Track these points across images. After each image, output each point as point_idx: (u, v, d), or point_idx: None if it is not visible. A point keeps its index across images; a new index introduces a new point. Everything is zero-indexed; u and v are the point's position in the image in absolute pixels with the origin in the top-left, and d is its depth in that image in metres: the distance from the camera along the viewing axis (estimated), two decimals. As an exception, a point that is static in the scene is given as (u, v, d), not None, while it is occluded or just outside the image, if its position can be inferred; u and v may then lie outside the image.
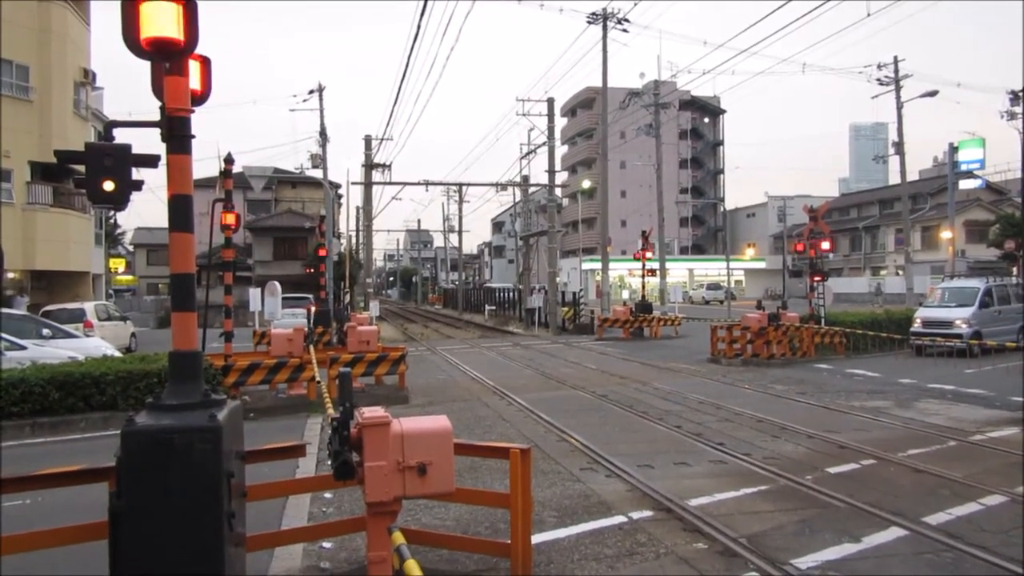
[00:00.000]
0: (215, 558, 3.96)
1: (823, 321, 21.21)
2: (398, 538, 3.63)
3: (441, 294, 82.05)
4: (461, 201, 61.94)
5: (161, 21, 4.15)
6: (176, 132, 4.30)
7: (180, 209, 4.33)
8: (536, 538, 5.76)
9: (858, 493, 7.25)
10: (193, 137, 4.36)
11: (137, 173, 4.85)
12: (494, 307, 48.56)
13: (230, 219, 13.77)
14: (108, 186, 4.57)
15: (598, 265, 37.27)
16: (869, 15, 24.01)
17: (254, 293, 25.15)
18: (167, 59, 4.28)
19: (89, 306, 23.09)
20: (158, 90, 4.44)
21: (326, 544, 6.12)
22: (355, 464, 4.48)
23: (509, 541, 5.27)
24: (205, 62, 4.97)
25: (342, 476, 4.49)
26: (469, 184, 50.92)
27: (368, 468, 4.42)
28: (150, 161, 4.78)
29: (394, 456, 4.46)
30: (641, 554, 5.85)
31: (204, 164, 31.56)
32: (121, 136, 4.97)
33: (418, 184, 39.71)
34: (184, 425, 3.96)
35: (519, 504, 5.13)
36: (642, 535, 6.26)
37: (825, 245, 22.35)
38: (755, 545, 5.91)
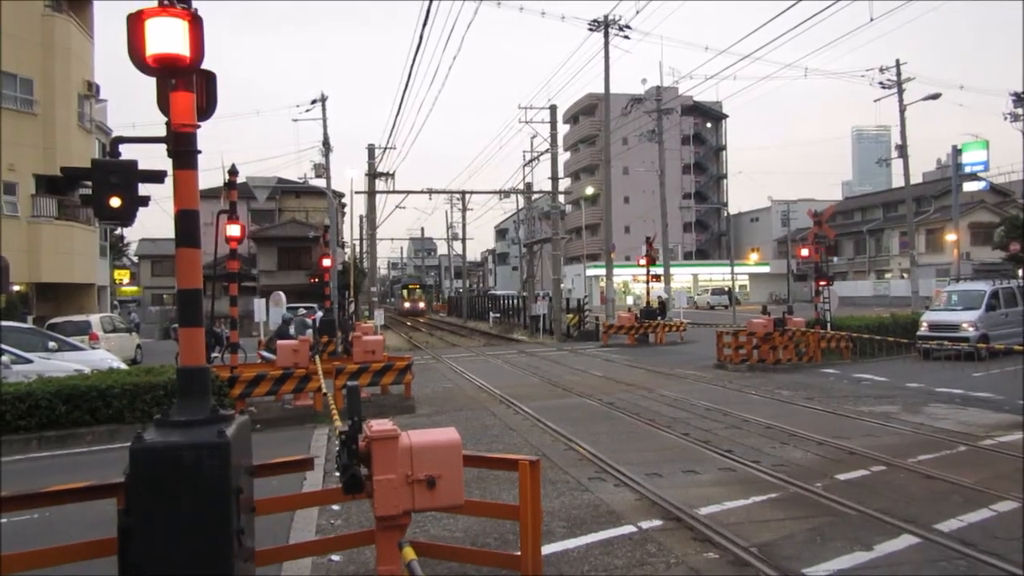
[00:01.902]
0: (224, 574, 3.94)
1: (829, 326, 21.15)
2: (409, 554, 3.60)
3: (446, 302, 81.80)
4: (464, 209, 62.00)
5: (167, 38, 4.14)
6: (182, 148, 4.30)
7: (187, 225, 4.33)
8: (545, 549, 5.71)
9: (869, 500, 7.21)
10: (199, 152, 4.36)
11: (143, 188, 4.86)
12: (498, 314, 48.50)
13: (235, 230, 13.80)
14: (115, 203, 4.57)
15: (602, 271, 37.28)
16: (872, 20, 24.02)
17: (259, 303, 25.21)
18: (173, 76, 4.28)
19: (95, 318, 23.17)
20: (164, 106, 4.44)
21: (335, 557, 6.10)
22: (364, 478, 4.47)
23: (519, 553, 5.24)
24: (210, 77, 4.96)
25: (351, 490, 4.48)
26: (472, 192, 51.44)
27: (377, 482, 4.40)
28: (156, 177, 4.78)
29: (403, 469, 4.44)
30: (652, 564, 5.81)
31: (208, 175, 31.70)
32: (126, 150, 4.99)
33: (421, 192, 40.12)
34: (193, 442, 3.94)
35: (529, 516, 5.09)
36: (652, 545, 6.22)
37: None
38: (766, 554, 5.87)
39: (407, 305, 70.36)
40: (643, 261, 31.04)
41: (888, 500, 7.26)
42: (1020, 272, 34.57)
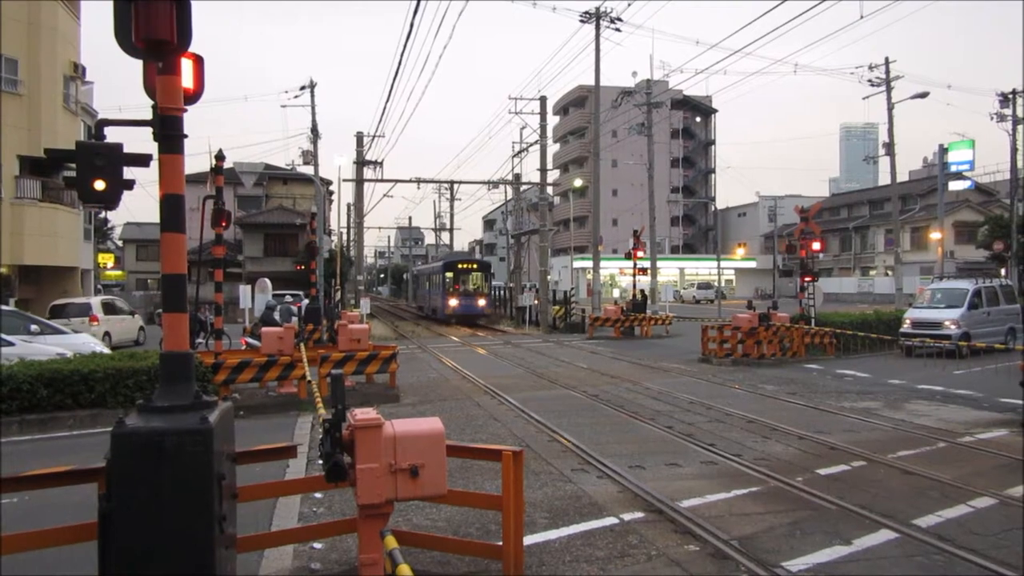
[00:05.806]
0: (206, 560, 3.93)
1: (813, 321, 21.29)
2: (391, 542, 3.62)
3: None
4: (453, 199, 62.03)
5: (154, 20, 4.10)
6: (168, 131, 4.27)
7: (172, 209, 4.29)
8: (527, 539, 5.74)
9: (848, 495, 7.28)
10: (185, 136, 4.32)
11: (128, 171, 4.81)
12: (485, 305, 48.33)
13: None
14: (99, 185, 4.53)
15: (589, 264, 37.32)
16: (862, 17, 24.10)
17: (244, 290, 25.07)
18: (160, 58, 4.24)
19: (95, 300, 23.16)
20: (150, 89, 4.40)
21: (317, 545, 6.09)
22: (347, 466, 4.47)
23: (501, 543, 5.26)
24: (198, 60, 4.91)
25: (334, 478, 4.47)
26: (461, 182, 51.37)
27: (360, 470, 4.40)
28: (141, 160, 4.73)
29: (386, 458, 4.44)
30: (633, 556, 5.85)
31: (194, 160, 31.44)
32: (111, 133, 4.94)
33: (410, 181, 39.84)
34: (175, 427, 3.92)
35: (511, 507, 5.11)
36: (633, 537, 6.26)
37: (816, 246, 22.40)
38: (746, 547, 5.92)
39: (453, 303, 37.85)
40: (631, 254, 31.11)
41: (867, 495, 7.33)
42: (1003, 271, 34.94)
